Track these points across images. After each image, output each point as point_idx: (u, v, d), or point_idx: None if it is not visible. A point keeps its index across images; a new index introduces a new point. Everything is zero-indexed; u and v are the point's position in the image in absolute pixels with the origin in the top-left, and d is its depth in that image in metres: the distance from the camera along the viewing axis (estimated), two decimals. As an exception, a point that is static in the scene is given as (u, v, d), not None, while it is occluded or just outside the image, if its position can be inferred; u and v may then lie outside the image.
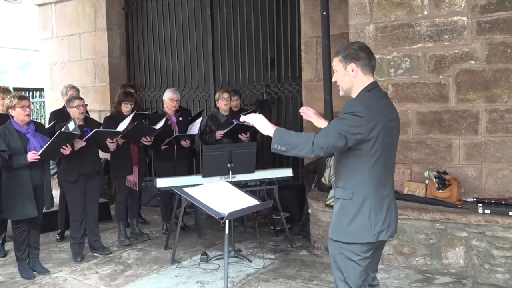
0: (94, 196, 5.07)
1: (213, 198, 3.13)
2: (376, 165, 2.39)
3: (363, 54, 2.44)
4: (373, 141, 2.35)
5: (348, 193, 2.44)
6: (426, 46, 4.71)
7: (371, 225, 2.41)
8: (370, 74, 2.47)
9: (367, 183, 2.40)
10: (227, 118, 5.67)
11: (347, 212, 2.44)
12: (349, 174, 2.44)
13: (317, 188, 5.43)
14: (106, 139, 4.99)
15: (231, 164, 4.74)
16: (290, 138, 2.38)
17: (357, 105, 2.34)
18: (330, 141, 2.32)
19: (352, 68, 2.44)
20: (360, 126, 2.31)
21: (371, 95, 2.42)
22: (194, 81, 7.63)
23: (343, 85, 2.50)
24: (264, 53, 7.07)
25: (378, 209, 2.42)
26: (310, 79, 6.38)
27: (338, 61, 2.48)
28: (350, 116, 2.33)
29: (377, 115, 2.35)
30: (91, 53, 8.00)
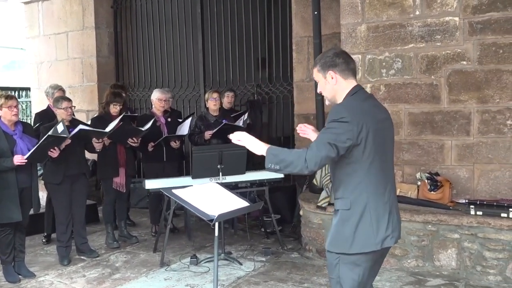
0: (80, 198, 5.04)
1: (203, 200, 3.13)
2: (371, 169, 2.36)
3: (339, 59, 2.43)
4: (363, 145, 2.33)
5: (346, 202, 2.40)
6: (418, 46, 4.74)
7: (374, 233, 2.36)
8: (351, 77, 2.45)
9: (364, 190, 2.37)
10: (217, 118, 5.67)
11: (348, 222, 2.39)
12: (345, 183, 2.41)
13: (308, 190, 5.44)
14: (92, 138, 4.96)
15: (221, 165, 4.74)
16: (283, 156, 2.36)
17: (341, 110, 2.33)
18: (322, 154, 2.29)
19: (332, 76, 2.43)
20: (347, 131, 2.29)
21: (355, 98, 2.41)
22: (184, 80, 7.62)
23: (327, 94, 2.50)
24: (255, 52, 7.08)
25: (380, 215, 2.38)
26: (302, 79, 6.40)
27: (317, 71, 2.49)
28: (336, 123, 2.31)
29: (362, 117, 2.33)
30: (78, 52, 7.96)
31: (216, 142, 5.53)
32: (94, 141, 4.97)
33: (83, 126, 4.82)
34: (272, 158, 2.38)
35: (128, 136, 5.31)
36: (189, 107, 7.51)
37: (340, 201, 2.45)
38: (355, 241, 2.38)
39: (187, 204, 3.08)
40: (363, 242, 2.37)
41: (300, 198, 5.28)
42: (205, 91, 7.07)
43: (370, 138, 2.34)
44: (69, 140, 4.63)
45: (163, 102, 5.74)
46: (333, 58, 2.44)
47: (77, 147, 4.86)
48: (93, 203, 6.72)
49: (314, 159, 2.29)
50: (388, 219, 2.40)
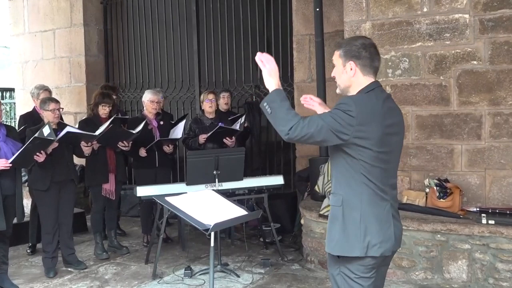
0: (68, 206, 5.03)
1: (198, 208, 3.12)
2: (370, 174, 2.36)
3: (366, 53, 2.40)
4: (363, 147, 2.32)
5: (338, 199, 2.42)
6: (426, 45, 4.75)
7: (361, 237, 2.36)
8: (371, 75, 2.43)
9: (358, 191, 2.37)
10: (213, 121, 5.67)
11: (337, 221, 2.42)
12: (341, 179, 2.43)
13: (310, 197, 5.43)
14: (80, 141, 4.95)
15: (218, 171, 4.74)
16: (281, 107, 2.35)
17: (349, 103, 2.31)
18: (309, 130, 2.29)
19: (351, 67, 2.41)
20: (348, 126, 2.28)
21: (369, 96, 2.39)
22: (178, 81, 7.62)
23: (340, 83, 2.48)
24: (253, 51, 7.07)
25: (371, 220, 2.37)
26: (303, 79, 6.40)
27: (338, 55, 2.45)
28: (340, 112, 2.30)
29: (371, 119, 2.31)
30: (66, 50, 7.96)
31: (212, 146, 5.52)
32: (82, 144, 4.96)
33: (71, 128, 4.81)
34: (271, 100, 2.38)
35: (118, 140, 5.30)
36: (183, 109, 7.51)
37: (333, 196, 2.47)
38: (341, 241, 2.39)
39: (181, 212, 3.07)
40: (348, 244, 2.38)
41: (301, 206, 5.28)
42: (200, 92, 7.06)
43: (374, 143, 2.33)
44: (56, 144, 4.61)
45: (155, 104, 5.73)
46: (360, 50, 2.41)
47: (64, 151, 4.85)
48: (81, 211, 6.71)
49: (299, 131, 2.29)
50: (380, 227, 2.38)
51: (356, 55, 2.40)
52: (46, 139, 4.46)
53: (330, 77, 6.53)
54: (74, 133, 4.79)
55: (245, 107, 6.79)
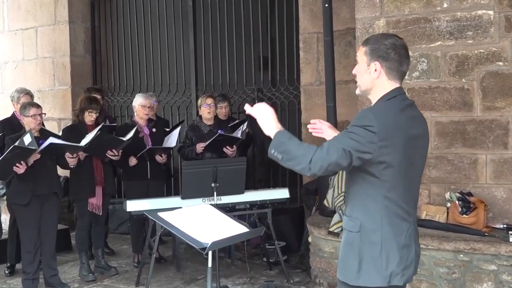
0: (51, 222, 5.04)
1: (194, 224, 3.13)
2: (391, 193, 2.34)
3: (395, 54, 2.38)
4: (386, 165, 2.30)
5: (355, 224, 2.39)
6: (446, 44, 4.76)
7: (382, 266, 2.34)
8: (396, 80, 2.42)
9: (378, 214, 2.35)
10: (211, 128, 5.68)
11: (354, 247, 2.39)
12: (358, 201, 2.40)
13: (318, 212, 5.43)
14: (65, 152, 4.96)
15: (216, 184, 4.74)
16: (290, 146, 2.34)
17: (370, 117, 2.29)
18: (331, 159, 2.27)
19: (376, 68, 2.40)
20: (370, 143, 2.26)
21: (390, 105, 2.37)
22: (172, 84, 7.64)
23: (361, 83, 2.47)
24: (256, 51, 7.10)
25: (392, 246, 2.36)
26: (310, 82, 6.41)
27: (363, 52, 2.44)
28: (359, 129, 2.27)
29: (394, 133, 2.29)
30: (49, 50, 7.99)
31: (210, 156, 5.53)
32: (67, 155, 4.97)
33: (54, 139, 4.81)
34: (278, 145, 2.38)
35: (106, 148, 5.31)
36: (178, 115, 7.53)
37: (349, 220, 2.45)
38: (359, 271, 2.38)
39: (176, 229, 3.07)
40: (368, 275, 2.36)
41: (308, 223, 5.27)
42: (197, 96, 7.08)
43: (396, 159, 2.31)
44: (38, 155, 4.63)
45: (147, 109, 5.75)
46: (388, 50, 2.39)
47: (47, 161, 4.86)
48: (65, 227, 6.71)
49: (321, 162, 2.27)
50: (402, 254, 2.38)
51: (384, 55, 2.39)
52: (27, 149, 4.47)
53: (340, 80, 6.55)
54: (57, 144, 4.80)
55: (246, 112, 6.80)
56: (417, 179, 2.49)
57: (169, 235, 6.11)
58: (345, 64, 6.12)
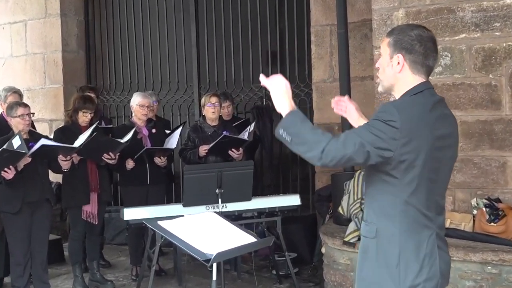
0: (42, 232, 5.05)
1: (197, 234, 3.13)
2: (413, 197, 2.33)
3: (420, 47, 2.38)
4: (408, 165, 2.29)
5: (371, 229, 2.40)
6: (471, 37, 4.75)
7: (400, 277, 2.33)
8: (421, 75, 2.41)
9: (396, 219, 2.34)
10: (216, 129, 5.68)
11: (369, 254, 2.40)
12: (375, 204, 2.40)
13: (332, 221, 5.42)
14: (57, 155, 4.97)
15: (221, 190, 4.74)
16: (303, 129, 2.32)
17: (391, 111, 2.27)
18: (346, 152, 2.24)
19: (398, 61, 2.40)
20: (391, 140, 2.24)
21: (417, 100, 2.36)
22: (173, 82, 7.65)
23: (383, 78, 2.48)
24: (263, 45, 7.11)
25: (412, 255, 2.34)
26: (323, 79, 6.41)
27: (386, 44, 2.44)
28: (380, 124, 2.26)
29: (419, 130, 2.28)
30: (40, 45, 8.02)
31: (215, 159, 5.54)
32: (60, 158, 4.99)
33: (46, 140, 4.83)
34: (288, 125, 2.35)
35: (102, 151, 5.30)
36: (179, 115, 7.54)
37: (366, 225, 2.45)
38: (374, 281, 2.38)
39: (177, 239, 3.07)
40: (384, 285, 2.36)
41: (321, 232, 5.26)
42: (200, 94, 7.09)
43: (420, 160, 2.30)
44: (29, 159, 4.64)
45: (146, 109, 5.76)
46: (413, 42, 2.38)
47: (38, 166, 4.88)
48: (58, 238, 6.73)
49: (334, 153, 2.25)
50: (423, 262, 2.35)
51: (408, 47, 2.38)
52: (16, 152, 4.48)
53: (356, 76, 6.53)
54: (50, 146, 4.81)
55: (253, 112, 6.81)
56: (443, 184, 2.47)
57: (170, 246, 6.11)
58: (360, 59, 6.12)
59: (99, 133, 5.24)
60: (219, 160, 5.51)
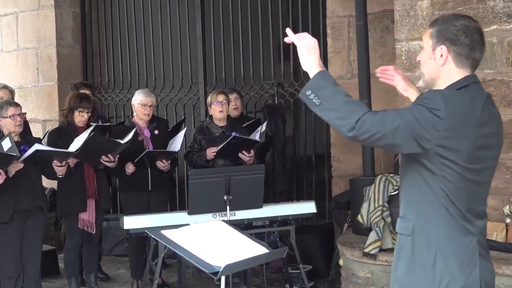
0: (35, 242, 5.07)
1: (204, 244, 3.13)
2: (453, 196, 2.34)
3: (466, 38, 2.38)
4: (446, 160, 2.29)
5: (407, 226, 2.41)
6: (503, 28, 4.72)
7: (435, 279, 2.34)
8: (466, 68, 2.42)
9: (435, 217, 2.35)
10: (224, 130, 5.68)
11: (403, 253, 2.42)
12: (412, 200, 2.42)
13: (351, 230, 5.41)
14: (52, 160, 4.99)
15: (229, 196, 4.74)
16: (335, 94, 2.31)
17: (437, 99, 2.28)
18: (382, 128, 2.23)
19: (442, 53, 2.41)
20: (432, 129, 2.24)
21: (461, 94, 2.36)
22: (177, 78, 7.67)
23: (425, 71, 2.49)
24: (275, 39, 7.11)
25: (449, 257, 2.35)
26: (340, 75, 6.40)
27: (429, 35, 2.45)
28: (424, 110, 2.26)
29: (463, 124, 2.28)
30: (32, 40, 8.05)
31: (223, 163, 5.54)
32: (55, 164, 5.00)
33: (40, 145, 4.84)
34: (318, 87, 2.35)
35: (101, 153, 5.31)
36: (183, 114, 7.54)
37: (403, 222, 2.46)
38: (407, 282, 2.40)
39: (182, 250, 3.08)
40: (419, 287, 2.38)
41: (339, 242, 5.26)
42: (206, 92, 7.10)
43: (461, 156, 2.30)
44: (21, 165, 4.66)
45: (149, 108, 5.77)
46: (459, 32, 2.39)
47: (31, 171, 4.89)
48: (52, 248, 6.75)
49: (369, 125, 2.24)
50: (461, 267, 2.35)
51: (453, 38, 2.39)
52: (6, 155, 4.50)
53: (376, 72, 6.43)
54: (44, 151, 4.83)
55: (264, 111, 6.80)
56: (485, 187, 2.46)
57: (174, 258, 6.12)
58: (381, 53, 6.11)
59: (96, 133, 5.23)
60: (228, 163, 5.52)
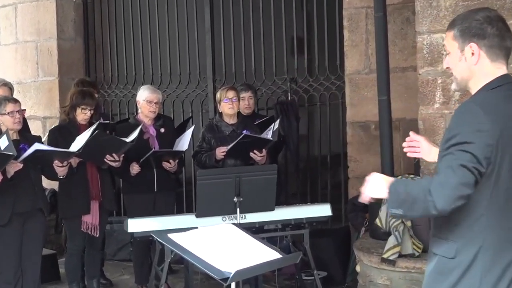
0: (34, 246, 5.09)
1: (213, 249, 3.14)
2: (500, 213, 2.32)
3: (492, 29, 2.38)
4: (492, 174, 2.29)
5: (450, 248, 2.38)
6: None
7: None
8: (501, 60, 2.42)
9: (480, 236, 2.33)
10: (234, 128, 5.68)
11: (446, 276, 2.39)
12: (454, 218, 2.36)
13: (368, 234, 5.40)
14: (53, 160, 5.01)
15: (239, 198, 4.74)
16: (406, 190, 2.33)
17: (477, 112, 2.27)
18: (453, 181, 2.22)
19: (472, 51, 2.40)
20: (487, 146, 2.23)
21: (496, 95, 2.37)
22: (184, 73, 7.67)
23: (457, 74, 2.48)
24: (288, 31, 7.10)
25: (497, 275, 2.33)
26: (357, 70, 6.38)
27: (452, 37, 2.45)
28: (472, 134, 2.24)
29: (503, 130, 2.28)
30: (32, 32, 8.06)
31: (234, 163, 5.55)
32: (56, 164, 5.02)
33: (40, 145, 4.85)
34: (394, 199, 2.38)
35: (105, 152, 5.32)
36: (191, 111, 7.53)
37: (441, 243, 2.43)
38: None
39: (190, 255, 3.09)
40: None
41: (356, 247, 5.25)
42: (215, 88, 7.10)
43: (504, 165, 2.30)
44: (20, 165, 4.68)
45: (154, 105, 5.78)
46: (483, 25, 2.39)
47: (30, 171, 4.91)
48: (52, 252, 6.77)
49: (442, 190, 2.23)
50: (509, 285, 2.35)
51: (479, 33, 2.39)
52: (3, 154, 4.52)
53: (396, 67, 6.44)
54: (45, 151, 4.84)
55: (276, 108, 6.79)
56: None
57: (180, 263, 6.13)
58: (401, 47, 6.08)
59: (100, 132, 5.25)
60: (239, 163, 5.52)
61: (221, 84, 7.07)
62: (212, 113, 7.01)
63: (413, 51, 5.47)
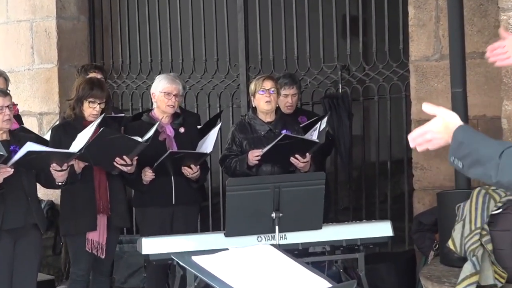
0: (28, 269, 5.15)
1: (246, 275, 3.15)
2: None
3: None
4: None
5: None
6: None
7: None
8: None
9: None
10: (271, 127, 5.69)
11: None
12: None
13: (439, 260, 5.38)
14: (50, 164, 5.03)
15: (279, 213, 4.75)
16: (473, 145, 2.39)
17: None
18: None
19: None
20: None
21: None
22: (210, 60, 7.70)
23: None
24: (339, 9, 7.09)
25: None
26: (425, 55, 6.35)
27: None
28: None
29: None
30: (26, 10, 8.13)
31: (271, 170, 5.55)
32: (54, 168, 5.05)
33: (33, 145, 4.87)
34: (456, 147, 2.42)
35: (114, 153, 5.32)
36: (219, 106, 7.57)
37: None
38: None
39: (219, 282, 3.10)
40: None
41: (423, 275, 5.23)
42: (248, 78, 7.11)
43: None
44: (11, 170, 4.73)
45: (173, 98, 5.78)
46: None
47: (23, 178, 4.97)
48: (50, 278, 6.84)
49: None
50: None
51: None
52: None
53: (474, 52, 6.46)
54: (39, 152, 4.87)
55: (324, 103, 6.79)
56: None
57: (205, 292, 6.16)
58: (480, 27, 6.02)
59: (108, 129, 5.23)
60: (276, 171, 5.52)
61: (256, 73, 7.08)
62: (245, 109, 7.00)
63: (495, 32, 5.41)
